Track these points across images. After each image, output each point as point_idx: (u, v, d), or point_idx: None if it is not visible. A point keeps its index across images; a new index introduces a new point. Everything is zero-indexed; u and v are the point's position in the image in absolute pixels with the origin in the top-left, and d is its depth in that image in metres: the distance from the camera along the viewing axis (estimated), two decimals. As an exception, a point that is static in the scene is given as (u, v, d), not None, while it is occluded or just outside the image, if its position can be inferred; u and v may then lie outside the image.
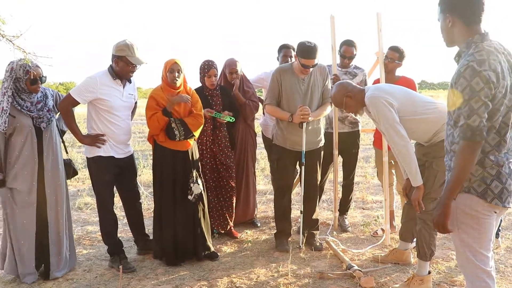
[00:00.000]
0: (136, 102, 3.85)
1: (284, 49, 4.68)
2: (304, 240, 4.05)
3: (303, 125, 3.79)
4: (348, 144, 4.53)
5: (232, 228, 4.42)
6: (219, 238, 4.32)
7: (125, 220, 4.10)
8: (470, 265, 2.12)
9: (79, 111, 3.68)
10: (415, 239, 3.43)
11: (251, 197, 4.63)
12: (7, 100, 3.14)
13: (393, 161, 4.26)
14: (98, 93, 3.41)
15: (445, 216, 2.03)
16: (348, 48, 4.41)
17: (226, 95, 4.28)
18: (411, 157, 3.00)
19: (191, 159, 3.72)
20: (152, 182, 3.87)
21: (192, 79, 4.27)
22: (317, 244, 4.05)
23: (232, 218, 4.39)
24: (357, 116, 4.28)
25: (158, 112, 3.56)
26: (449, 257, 3.82)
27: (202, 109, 3.79)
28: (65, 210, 3.52)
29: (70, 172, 3.63)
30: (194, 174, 3.67)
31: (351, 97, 3.24)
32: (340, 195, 4.78)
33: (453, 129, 2.07)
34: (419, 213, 3.18)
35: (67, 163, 3.59)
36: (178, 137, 3.58)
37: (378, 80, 4.27)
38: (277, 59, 4.76)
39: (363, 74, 4.49)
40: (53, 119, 3.43)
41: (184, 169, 3.67)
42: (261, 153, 8.02)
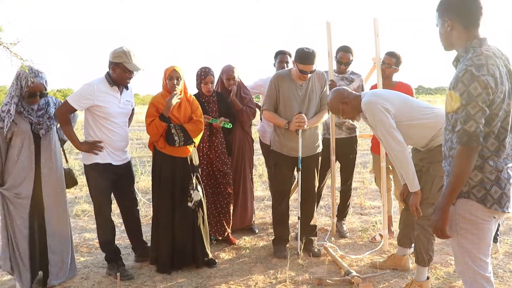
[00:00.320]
0: (133, 109, 3.85)
1: (280, 55, 4.70)
2: (302, 246, 4.04)
3: (299, 132, 3.80)
4: (346, 150, 4.53)
5: (230, 235, 4.41)
6: (217, 245, 4.31)
7: (123, 227, 4.09)
8: (469, 271, 2.11)
9: (78, 118, 3.68)
10: (413, 245, 3.43)
11: (249, 203, 4.63)
12: (14, 103, 3.15)
13: (391, 167, 4.26)
14: (96, 100, 3.41)
15: (444, 221, 2.03)
16: (345, 54, 4.42)
17: (223, 102, 4.28)
18: (408, 163, 3.00)
19: (191, 166, 3.71)
20: (151, 188, 3.86)
21: (192, 79, 4.28)
22: (315, 250, 4.04)
23: (230, 225, 4.38)
24: (355, 122, 4.29)
25: (156, 118, 3.57)
26: (448, 263, 3.81)
27: (202, 115, 3.79)
28: (67, 219, 3.51)
29: (69, 182, 3.60)
30: (194, 181, 3.67)
31: (347, 103, 3.25)
32: (338, 201, 4.78)
33: (452, 134, 2.07)
34: (417, 219, 3.17)
35: (67, 172, 3.58)
36: (178, 143, 3.58)
37: (376, 86, 4.27)
38: (274, 65, 4.78)
39: (360, 80, 4.50)
40: (53, 127, 3.42)
41: (183, 176, 3.66)
42: (259, 159, 8.01)
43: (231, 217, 4.39)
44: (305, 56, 3.69)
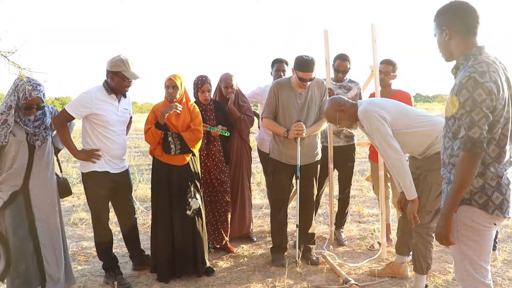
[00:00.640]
0: (131, 117, 3.86)
1: (277, 64, 4.72)
2: (301, 254, 4.03)
3: (298, 140, 3.81)
4: (344, 158, 4.53)
5: (228, 243, 4.40)
6: (215, 253, 4.30)
7: (121, 236, 4.07)
8: (470, 278, 2.11)
9: (74, 126, 3.66)
10: (411, 253, 3.42)
11: (247, 212, 4.62)
12: (12, 115, 3.11)
13: (389, 174, 4.26)
14: (94, 108, 3.41)
15: (448, 228, 2.03)
16: (342, 62, 4.43)
17: (220, 110, 4.29)
18: (405, 171, 3.01)
19: (188, 174, 3.70)
20: (151, 196, 3.86)
21: (191, 79, 4.28)
22: (314, 258, 4.03)
23: (228, 233, 4.37)
24: (352, 130, 4.29)
25: (152, 126, 3.59)
26: (446, 270, 3.81)
27: (202, 124, 3.79)
28: (60, 229, 3.45)
29: (63, 191, 3.54)
30: (192, 189, 3.67)
31: (344, 112, 3.26)
32: (336, 209, 4.78)
33: (452, 142, 2.08)
34: (415, 227, 3.18)
35: (62, 182, 3.52)
36: (174, 151, 3.58)
37: (374, 94, 4.28)
38: (271, 74, 4.80)
39: (358, 88, 4.50)
40: (49, 137, 3.39)
41: (180, 184, 3.66)
42: (257, 167, 8.01)
43: (229, 225, 4.38)
44: (304, 64, 3.71)
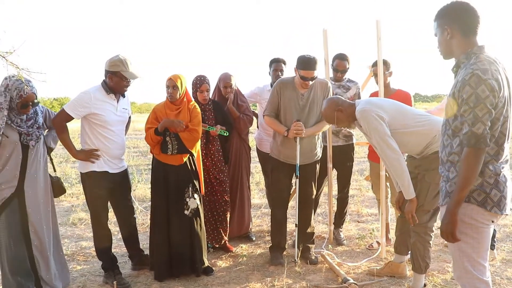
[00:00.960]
0: (130, 117, 3.86)
1: (275, 63, 4.72)
2: (299, 254, 4.04)
3: (297, 139, 3.81)
4: (343, 157, 4.54)
5: (227, 242, 4.40)
6: (214, 253, 4.30)
7: (120, 235, 4.07)
8: (468, 276, 2.12)
9: (73, 126, 3.66)
10: (410, 252, 3.43)
11: (246, 211, 4.62)
12: (2, 118, 3.09)
13: (387, 174, 4.27)
14: (92, 108, 3.41)
15: (453, 225, 2.05)
16: (341, 62, 4.43)
17: (219, 110, 4.30)
18: (403, 170, 3.01)
19: (186, 174, 3.70)
20: (150, 195, 3.87)
21: (191, 79, 4.27)
22: (312, 258, 4.04)
23: (227, 233, 4.37)
24: (351, 129, 4.30)
25: (152, 128, 3.60)
26: (445, 270, 3.81)
27: (200, 124, 3.79)
28: (52, 229, 3.43)
29: (57, 190, 3.53)
30: (190, 189, 3.67)
31: (342, 111, 3.26)
32: (335, 208, 4.78)
33: (451, 139, 2.09)
34: (413, 226, 3.18)
35: (55, 181, 3.51)
36: (171, 151, 3.59)
37: (376, 93, 4.22)
38: (269, 74, 4.80)
39: (357, 87, 4.50)
40: (42, 137, 3.38)
41: (177, 184, 3.66)
42: (256, 167, 8.01)
43: (228, 225, 4.38)
44: (306, 62, 3.71)
